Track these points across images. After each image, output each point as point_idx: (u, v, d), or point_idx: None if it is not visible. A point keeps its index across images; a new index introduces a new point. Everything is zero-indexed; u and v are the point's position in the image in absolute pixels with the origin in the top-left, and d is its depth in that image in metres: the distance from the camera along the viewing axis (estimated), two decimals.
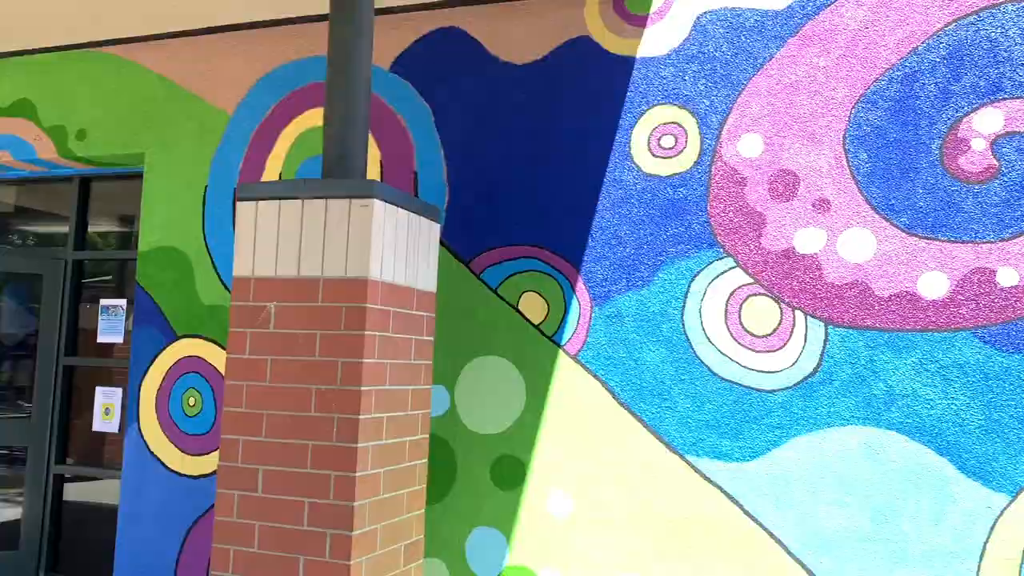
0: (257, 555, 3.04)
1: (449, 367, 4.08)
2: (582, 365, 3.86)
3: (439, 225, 3.82)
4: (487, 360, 4.03)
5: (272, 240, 3.20)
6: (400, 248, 3.25)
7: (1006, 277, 3.29)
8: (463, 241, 4.12)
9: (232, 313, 3.27)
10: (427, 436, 3.41)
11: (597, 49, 3.98)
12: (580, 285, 3.90)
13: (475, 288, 4.08)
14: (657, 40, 3.88)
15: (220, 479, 3.20)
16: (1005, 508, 3.21)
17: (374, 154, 4.35)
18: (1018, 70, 3.35)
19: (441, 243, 4.16)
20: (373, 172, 4.33)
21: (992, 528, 3.22)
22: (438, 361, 4.10)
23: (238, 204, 3.32)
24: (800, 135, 3.62)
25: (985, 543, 3.22)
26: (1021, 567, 3.17)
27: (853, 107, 3.55)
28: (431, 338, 3.41)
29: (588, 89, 3.98)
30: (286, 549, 3.03)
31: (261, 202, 3.26)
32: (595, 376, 3.84)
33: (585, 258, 3.92)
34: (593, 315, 3.87)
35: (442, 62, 4.27)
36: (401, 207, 3.26)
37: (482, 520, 3.96)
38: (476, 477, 3.99)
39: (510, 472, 3.93)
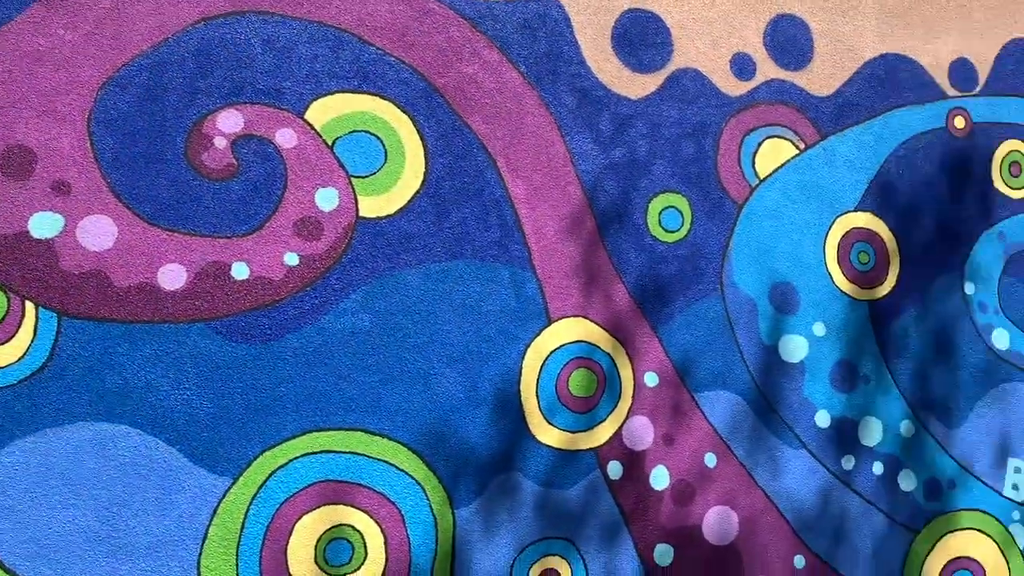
0: None
1: None
2: None
3: None
4: None
5: None
6: None
7: (239, 271, 3.47)
8: None
9: None
10: None
11: None
12: None
13: None
14: None
15: None
16: (228, 490, 3.38)
17: None
18: (258, 77, 3.56)
19: None
20: None
21: (215, 511, 3.36)
22: None
23: None
24: (40, 110, 3.32)
25: (208, 526, 3.35)
26: (239, 545, 3.38)
27: (100, 89, 3.39)
28: None
29: None
30: None
31: None
32: None
33: None
34: None
35: None
36: None
37: None
38: None
39: None
